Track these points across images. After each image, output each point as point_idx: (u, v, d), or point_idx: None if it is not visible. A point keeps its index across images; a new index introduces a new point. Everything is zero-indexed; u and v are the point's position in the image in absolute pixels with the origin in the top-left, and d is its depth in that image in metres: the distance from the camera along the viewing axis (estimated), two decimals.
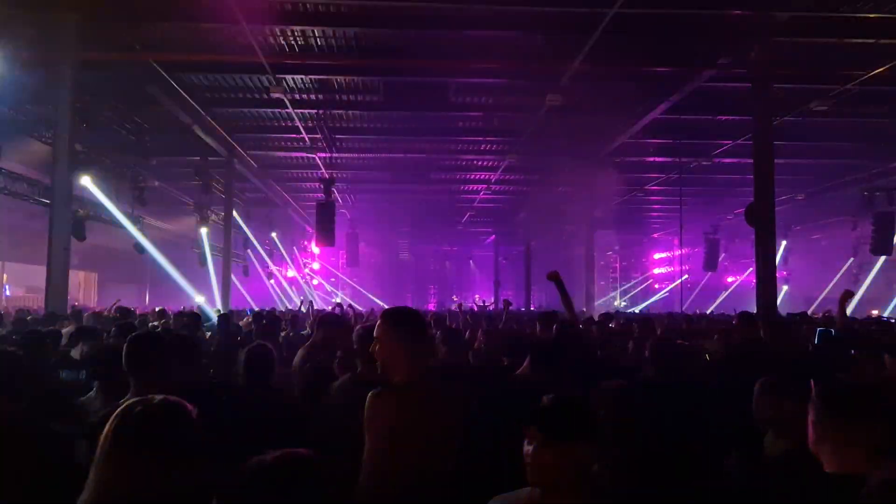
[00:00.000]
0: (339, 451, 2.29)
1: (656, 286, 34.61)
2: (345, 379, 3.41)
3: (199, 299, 18.98)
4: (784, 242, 23.97)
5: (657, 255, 35.22)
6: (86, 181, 12.75)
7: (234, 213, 19.74)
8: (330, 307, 15.20)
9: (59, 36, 9.77)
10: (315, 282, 31.74)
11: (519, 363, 3.89)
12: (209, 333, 8.63)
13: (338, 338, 4.58)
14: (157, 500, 1.48)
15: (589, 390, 2.70)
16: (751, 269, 22.83)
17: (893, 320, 12.64)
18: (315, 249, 30.07)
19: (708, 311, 21.07)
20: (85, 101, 11.18)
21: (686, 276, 24.94)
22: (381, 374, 2.60)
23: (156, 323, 9.34)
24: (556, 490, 1.90)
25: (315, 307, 13.42)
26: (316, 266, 32.17)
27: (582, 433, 1.90)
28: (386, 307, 3.19)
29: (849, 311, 7.90)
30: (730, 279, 30.60)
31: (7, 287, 18.92)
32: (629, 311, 27.11)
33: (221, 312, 11.87)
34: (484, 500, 2.08)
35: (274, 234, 25.98)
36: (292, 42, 11.11)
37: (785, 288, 24.18)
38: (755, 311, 9.65)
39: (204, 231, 19.04)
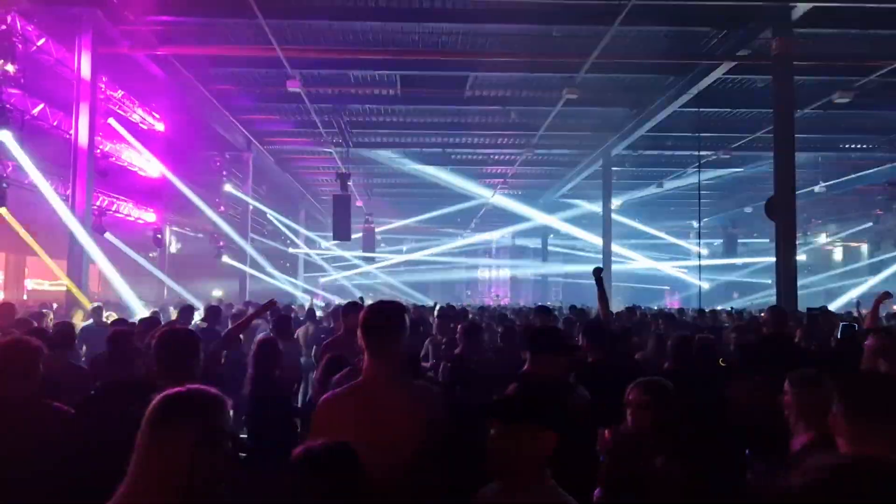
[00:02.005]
0: None
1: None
2: (344, 372, 3.28)
3: (217, 294, 19.12)
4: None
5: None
6: None
7: (251, 207, 19.79)
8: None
9: (78, 31, 9.85)
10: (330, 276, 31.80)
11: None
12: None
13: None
14: (188, 481, 1.55)
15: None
16: None
17: None
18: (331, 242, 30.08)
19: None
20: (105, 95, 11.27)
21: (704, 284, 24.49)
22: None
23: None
24: (513, 478, 1.84)
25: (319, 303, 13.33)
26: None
27: (535, 419, 1.84)
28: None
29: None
30: None
31: (28, 281, 19.15)
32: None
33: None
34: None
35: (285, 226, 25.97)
36: (309, 36, 11.12)
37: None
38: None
39: (220, 225, 19.10)
